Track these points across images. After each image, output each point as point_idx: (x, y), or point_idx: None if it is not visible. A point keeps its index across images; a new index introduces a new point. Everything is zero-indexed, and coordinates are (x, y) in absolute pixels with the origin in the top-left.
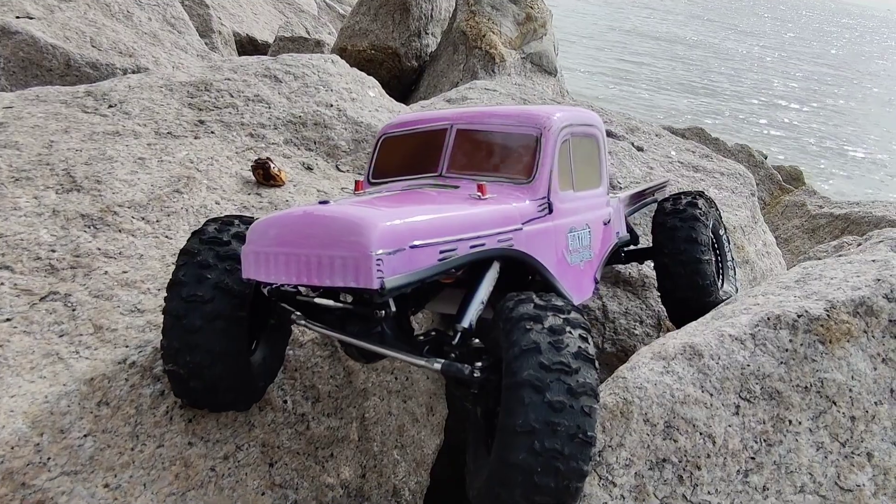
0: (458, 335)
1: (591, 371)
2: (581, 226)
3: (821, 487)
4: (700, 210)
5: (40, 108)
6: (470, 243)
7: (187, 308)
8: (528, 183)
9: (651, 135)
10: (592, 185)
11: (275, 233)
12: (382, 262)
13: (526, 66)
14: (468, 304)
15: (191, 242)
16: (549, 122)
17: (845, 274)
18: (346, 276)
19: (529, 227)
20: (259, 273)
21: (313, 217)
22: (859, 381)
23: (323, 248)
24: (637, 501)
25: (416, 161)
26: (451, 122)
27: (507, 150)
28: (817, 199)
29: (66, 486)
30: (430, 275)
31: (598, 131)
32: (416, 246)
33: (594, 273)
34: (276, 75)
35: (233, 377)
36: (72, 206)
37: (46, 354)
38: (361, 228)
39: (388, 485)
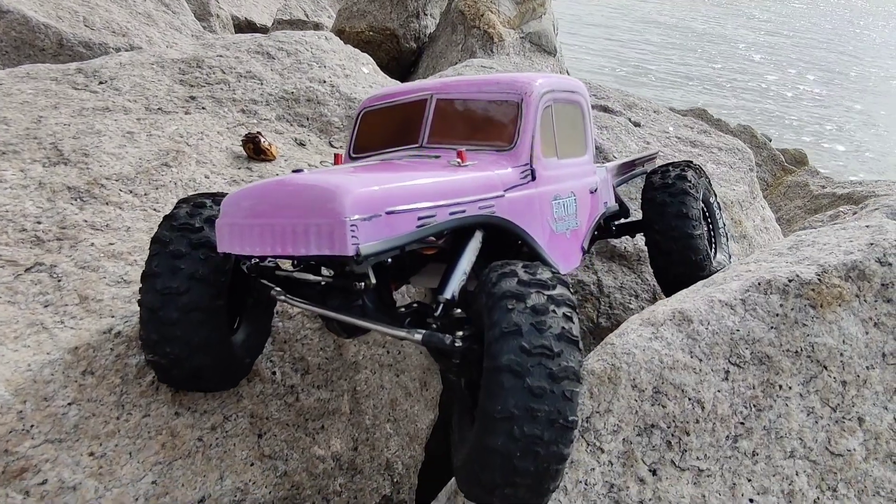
0: (441, 306)
1: (573, 353)
2: (566, 194)
3: (811, 452)
4: (689, 183)
5: (30, 85)
6: (449, 210)
7: (163, 301)
8: (509, 150)
9: (649, 111)
10: (577, 153)
11: (248, 204)
12: (357, 227)
13: (525, 46)
14: (450, 274)
15: (162, 229)
16: (530, 87)
17: (838, 240)
18: (320, 244)
19: (512, 193)
20: (234, 246)
21: (286, 186)
22: (851, 345)
23: (297, 216)
24: (625, 467)
25: (397, 134)
26: (430, 93)
27: (488, 117)
28: (820, 179)
29: (49, 453)
30: (407, 241)
31: (582, 98)
32: (393, 212)
33: (581, 242)
34: (268, 52)
35: (215, 363)
36: (58, 179)
37: (31, 324)
38: (334, 195)
39: (380, 458)
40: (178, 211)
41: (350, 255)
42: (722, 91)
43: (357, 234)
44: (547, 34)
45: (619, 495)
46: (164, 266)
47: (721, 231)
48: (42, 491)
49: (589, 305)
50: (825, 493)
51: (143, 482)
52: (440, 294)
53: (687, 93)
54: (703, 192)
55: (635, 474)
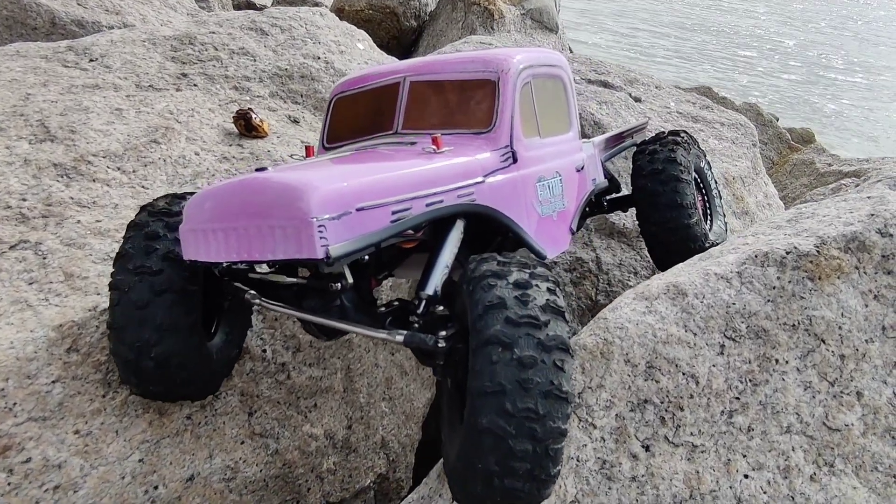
0: (423, 303)
1: (561, 324)
2: (551, 174)
3: (808, 427)
4: (680, 166)
5: (19, 63)
6: (426, 201)
7: (135, 280)
8: (488, 132)
9: (650, 86)
10: (560, 130)
11: (210, 206)
12: (325, 228)
13: (526, 23)
14: (432, 268)
15: (139, 216)
16: (507, 64)
17: (838, 211)
18: (287, 247)
19: (492, 179)
20: (199, 253)
21: (248, 186)
22: (850, 318)
23: (260, 218)
24: (618, 444)
25: (371, 121)
26: (403, 75)
27: (464, 98)
28: (826, 157)
29: (33, 431)
30: (382, 238)
31: (564, 72)
32: (364, 208)
33: (570, 223)
34: (262, 28)
35: (186, 356)
36: (44, 156)
37: (14, 301)
38: (299, 193)
39: (375, 437)
40: (157, 202)
41: (319, 258)
42: None
43: (326, 234)
44: (548, 10)
45: (612, 471)
46: (139, 246)
47: (715, 197)
48: (26, 469)
49: (587, 283)
50: (822, 469)
51: (130, 460)
52: (421, 290)
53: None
54: (695, 161)
55: (628, 450)
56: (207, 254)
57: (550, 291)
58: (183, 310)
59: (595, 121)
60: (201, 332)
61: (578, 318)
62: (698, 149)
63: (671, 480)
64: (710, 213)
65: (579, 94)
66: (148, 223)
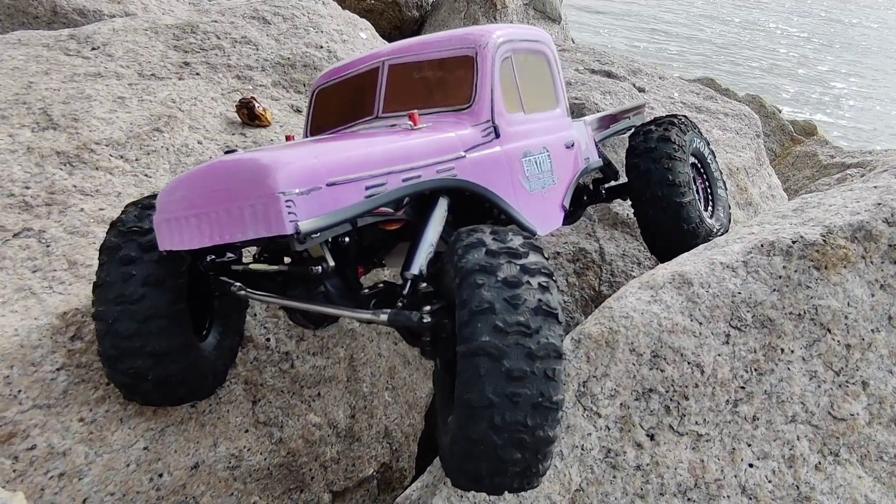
0: (408, 283)
1: (553, 327)
2: (538, 150)
3: (813, 417)
4: (674, 145)
5: (21, 52)
6: (402, 176)
7: (118, 311)
8: (468, 108)
9: (654, 77)
10: (547, 106)
11: (181, 195)
12: (294, 203)
13: (528, 13)
14: (416, 248)
15: (109, 237)
16: (485, 39)
17: (845, 200)
18: (256, 226)
19: (473, 154)
20: (174, 241)
21: (217, 169)
22: (856, 307)
23: (230, 199)
24: (622, 432)
25: (352, 108)
26: (382, 59)
27: (443, 77)
28: (829, 149)
29: (38, 418)
30: (356, 213)
31: (548, 48)
32: (335, 183)
33: (561, 201)
34: (264, 17)
35: (183, 372)
36: (47, 144)
37: (18, 289)
38: (265, 169)
39: (378, 426)
40: (126, 216)
41: (289, 233)
42: None
43: (294, 209)
44: (551, 0)
45: (616, 460)
46: (115, 274)
47: (718, 185)
48: (31, 456)
49: (591, 273)
50: (827, 458)
51: (135, 448)
52: (406, 270)
53: None
54: (694, 145)
55: (633, 439)
56: (182, 241)
57: (542, 288)
58: (172, 331)
59: (598, 110)
60: (195, 343)
61: (582, 308)
62: (698, 134)
63: (676, 469)
64: (712, 202)
65: (583, 84)
66: (120, 247)
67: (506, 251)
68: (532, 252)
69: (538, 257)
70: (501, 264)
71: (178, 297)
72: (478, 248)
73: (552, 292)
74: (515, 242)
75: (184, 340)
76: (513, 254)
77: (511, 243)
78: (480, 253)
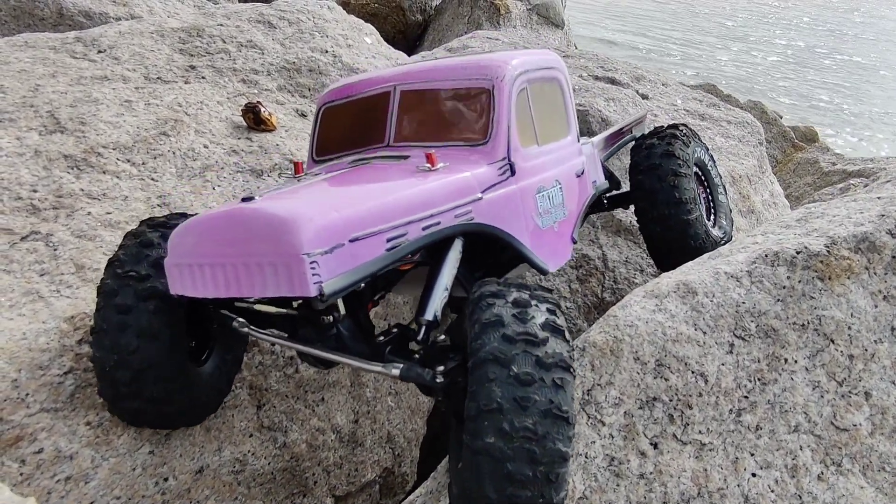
0: (423, 328)
1: (561, 342)
2: (551, 183)
3: (816, 427)
4: (679, 160)
5: (28, 54)
6: (422, 224)
7: (114, 360)
8: (484, 144)
9: (657, 83)
10: (559, 135)
11: (194, 241)
12: (318, 263)
13: (532, 19)
14: (430, 291)
15: (106, 277)
16: (502, 70)
17: (848, 211)
18: (278, 285)
19: (490, 194)
20: (186, 288)
21: (233, 218)
22: (859, 318)
23: (248, 254)
24: (626, 441)
25: (361, 132)
26: (393, 84)
27: (457, 108)
28: (830, 156)
29: (45, 422)
30: (378, 268)
31: (561, 74)
32: (357, 238)
33: (571, 233)
34: (269, 21)
35: (182, 407)
36: (55, 147)
37: (26, 293)
38: (288, 226)
39: (381, 431)
40: (124, 254)
41: (312, 295)
42: None
43: (318, 270)
44: (554, 6)
45: (620, 468)
46: (111, 322)
47: (720, 193)
48: (38, 460)
49: (594, 280)
50: (829, 468)
51: (141, 452)
52: (421, 315)
53: None
54: (696, 155)
55: (636, 447)
56: (195, 289)
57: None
58: (168, 377)
59: (603, 117)
60: (193, 376)
61: (584, 314)
62: (699, 142)
63: (679, 478)
64: (714, 209)
65: (587, 90)
66: (116, 292)
67: (524, 337)
68: (553, 336)
69: (558, 343)
70: (517, 355)
71: (174, 346)
72: (496, 328)
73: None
74: (536, 321)
75: (181, 383)
76: (531, 341)
77: (531, 324)
78: (497, 336)
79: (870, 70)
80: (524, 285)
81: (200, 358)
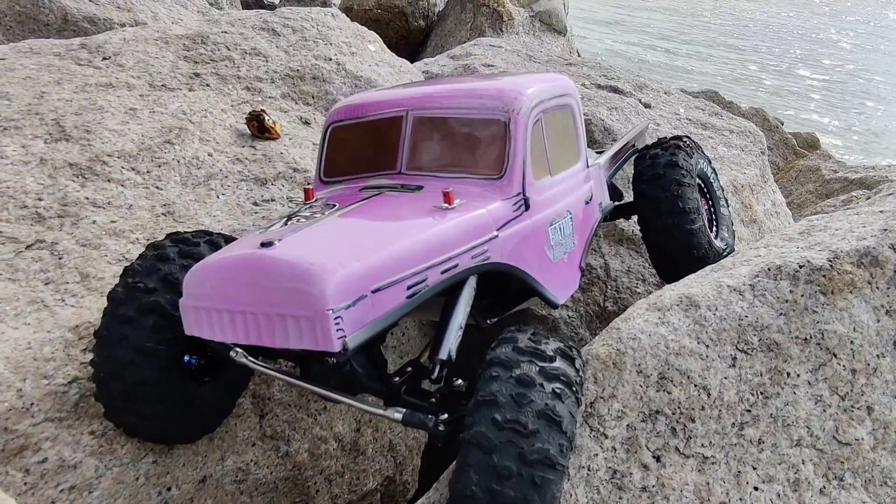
0: (437, 367)
1: (552, 435)
2: (562, 215)
3: (818, 441)
4: (682, 171)
5: (33, 60)
6: (441, 269)
7: (110, 370)
8: (499, 178)
9: (660, 92)
10: (570, 162)
11: (211, 285)
12: (342, 319)
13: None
14: (445, 330)
15: (118, 284)
16: (518, 103)
17: (851, 225)
18: (301, 338)
19: (505, 231)
20: (202, 331)
21: (254, 265)
22: (861, 333)
23: (270, 305)
24: (629, 454)
25: (372, 156)
26: (405, 109)
27: (471, 139)
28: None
29: (50, 431)
30: (399, 316)
31: (573, 99)
32: (380, 288)
33: (579, 262)
34: (273, 28)
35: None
36: (60, 156)
37: (31, 301)
38: (312, 279)
39: (383, 439)
40: (140, 264)
41: (336, 351)
42: None
43: (342, 325)
44: (557, 13)
45: (623, 481)
46: (113, 331)
47: (721, 204)
48: (42, 469)
49: (596, 289)
50: (831, 483)
51: (144, 462)
52: (435, 354)
53: None
54: (698, 166)
55: (639, 460)
56: (212, 333)
57: (556, 395)
58: (162, 395)
59: (605, 126)
60: (191, 395)
61: (586, 324)
62: (702, 154)
63: (681, 491)
64: (716, 221)
65: (590, 99)
66: (123, 301)
67: (532, 351)
68: (560, 359)
69: (565, 366)
70: (522, 362)
71: (171, 364)
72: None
73: (564, 401)
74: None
75: (176, 401)
76: (538, 355)
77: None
78: (508, 348)
79: None
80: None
81: (203, 377)
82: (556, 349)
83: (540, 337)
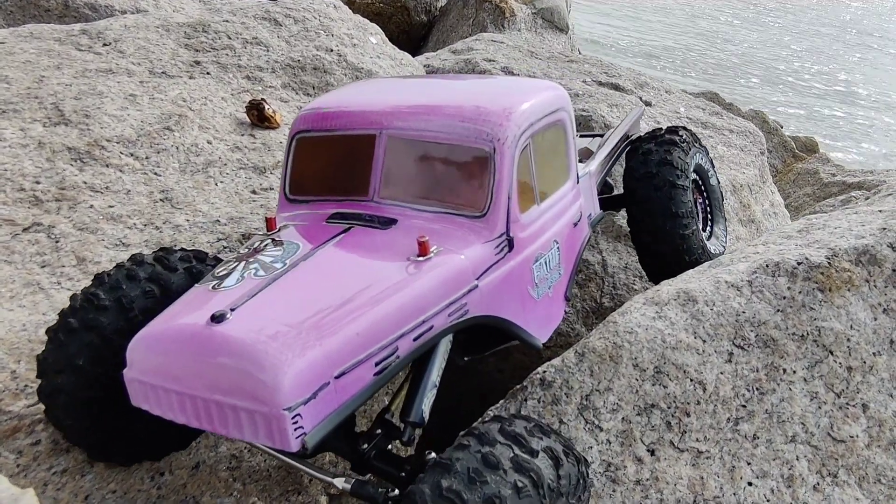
0: (407, 429)
1: None
2: (548, 247)
3: (812, 437)
4: (677, 170)
5: (33, 45)
6: (413, 335)
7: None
8: (481, 217)
9: (661, 91)
10: (559, 183)
11: (157, 362)
12: (301, 416)
13: (537, 22)
14: (417, 390)
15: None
16: (504, 130)
17: (850, 223)
18: (256, 433)
19: (486, 279)
20: (150, 406)
21: (203, 345)
22: (858, 330)
23: (221, 392)
24: (623, 447)
25: (341, 177)
26: (379, 128)
27: (451, 168)
28: (830, 166)
29: (43, 414)
30: (366, 398)
31: (566, 112)
32: (344, 373)
33: (565, 291)
34: (275, 18)
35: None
36: (58, 139)
37: (27, 284)
38: (266, 370)
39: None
40: (109, 275)
41: (294, 451)
42: None
43: (301, 422)
44: (559, 10)
45: (617, 474)
46: (57, 335)
47: (717, 199)
48: (35, 451)
49: (593, 285)
50: (825, 479)
51: None
52: (407, 416)
53: None
54: (696, 161)
55: (633, 454)
56: (160, 409)
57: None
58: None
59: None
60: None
61: (583, 319)
62: (699, 147)
63: (675, 485)
64: (711, 217)
65: (590, 96)
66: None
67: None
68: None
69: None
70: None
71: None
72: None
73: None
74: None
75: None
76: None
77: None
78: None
79: None
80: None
81: None
82: (546, 447)
83: (537, 429)
